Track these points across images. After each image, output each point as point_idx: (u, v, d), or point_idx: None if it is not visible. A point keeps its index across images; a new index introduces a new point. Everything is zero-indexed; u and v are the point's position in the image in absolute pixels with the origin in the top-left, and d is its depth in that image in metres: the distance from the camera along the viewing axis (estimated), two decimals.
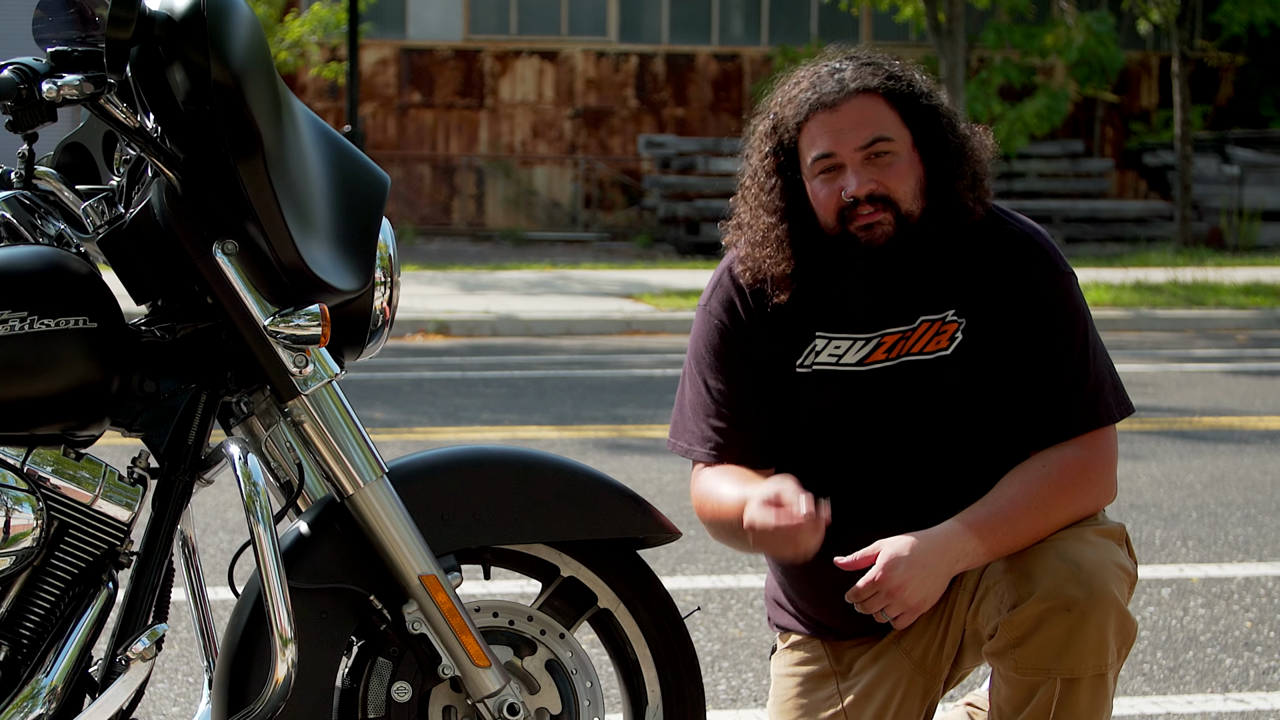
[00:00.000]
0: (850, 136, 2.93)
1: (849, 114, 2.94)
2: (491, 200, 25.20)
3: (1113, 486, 3.00)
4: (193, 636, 3.45)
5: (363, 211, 2.67)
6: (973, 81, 23.72)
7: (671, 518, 2.92)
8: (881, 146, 2.93)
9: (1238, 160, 23.83)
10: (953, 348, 2.99)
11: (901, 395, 3.00)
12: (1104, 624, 2.82)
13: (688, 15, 25.62)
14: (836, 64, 3.01)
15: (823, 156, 2.95)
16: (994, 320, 2.98)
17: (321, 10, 20.04)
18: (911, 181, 2.95)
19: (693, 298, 15.17)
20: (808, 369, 3.03)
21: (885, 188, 2.93)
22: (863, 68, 2.98)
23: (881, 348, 3.01)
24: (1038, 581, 2.83)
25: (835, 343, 3.02)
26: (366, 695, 2.72)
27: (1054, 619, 2.81)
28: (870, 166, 2.93)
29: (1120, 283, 16.23)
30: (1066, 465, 2.94)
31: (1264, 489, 7.07)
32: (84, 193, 2.77)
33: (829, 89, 2.96)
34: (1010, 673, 2.87)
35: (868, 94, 2.95)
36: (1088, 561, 2.84)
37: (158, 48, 2.47)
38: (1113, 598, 2.83)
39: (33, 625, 2.57)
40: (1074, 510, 2.94)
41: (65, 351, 2.52)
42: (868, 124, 2.93)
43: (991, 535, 2.89)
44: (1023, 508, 2.90)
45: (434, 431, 8.61)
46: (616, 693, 2.92)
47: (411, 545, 2.65)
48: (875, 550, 2.87)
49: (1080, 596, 2.81)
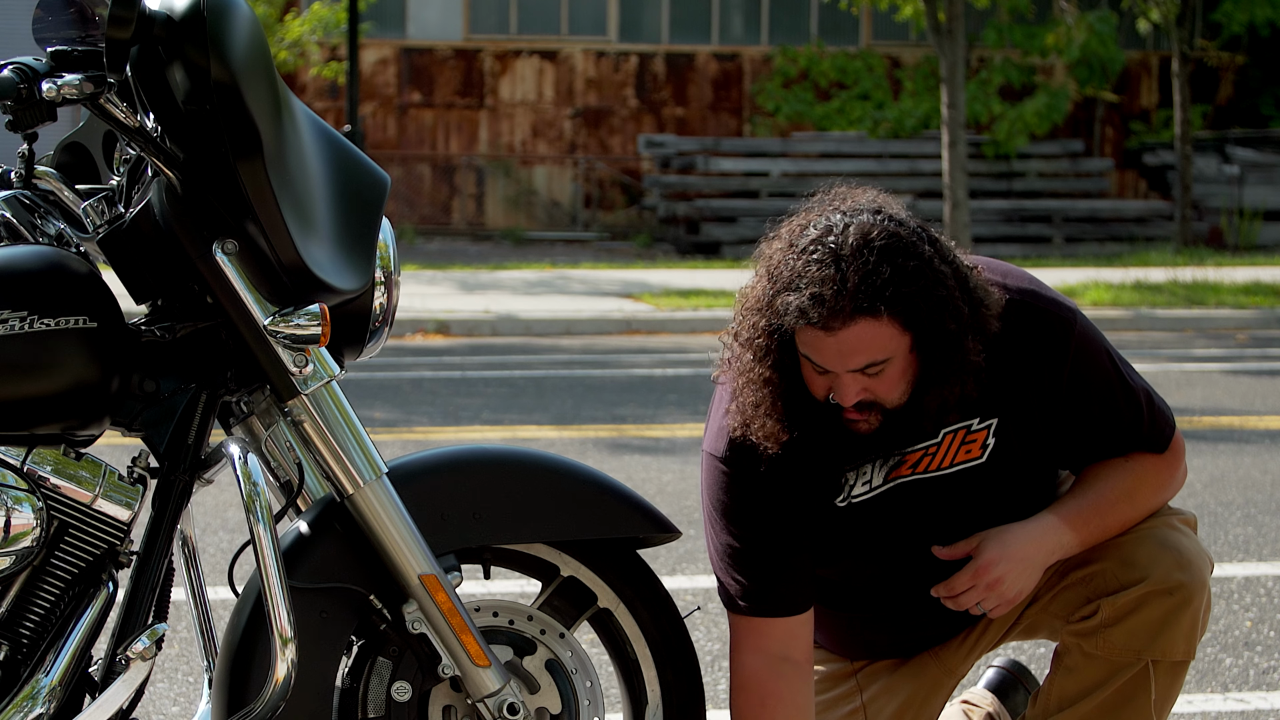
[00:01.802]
0: (844, 360, 2.76)
1: (846, 339, 2.73)
2: (491, 200, 25.20)
3: (1185, 474, 3.08)
4: (193, 636, 3.45)
5: (363, 211, 2.67)
6: (973, 81, 23.72)
7: (671, 518, 2.92)
8: (875, 369, 2.77)
9: (1238, 160, 23.82)
10: (986, 455, 2.93)
11: (939, 504, 2.96)
12: (1200, 610, 2.93)
13: (688, 15, 25.61)
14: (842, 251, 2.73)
15: (814, 362, 2.80)
16: (1026, 410, 2.91)
17: (321, 10, 20.03)
18: (903, 384, 2.81)
19: (693, 297, 15.17)
20: (846, 504, 2.96)
21: (874, 395, 2.80)
22: (867, 278, 2.70)
23: (905, 464, 2.93)
24: (1146, 569, 2.91)
25: (862, 468, 2.94)
26: (366, 695, 2.72)
27: (1156, 601, 2.90)
28: (862, 378, 2.79)
29: (1120, 282, 16.22)
30: (1146, 467, 3.00)
31: (1264, 489, 7.07)
32: (84, 192, 2.77)
33: (829, 306, 2.71)
34: (1095, 651, 2.93)
35: (867, 318, 2.71)
36: (1187, 549, 2.94)
37: (158, 47, 2.47)
38: (1208, 585, 2.95)
39: (33, 625, 2.57)
40: (1156, 502, 3.01)
41: (65, 351, 2.52)
42: (864, 351, 2.74)
43: (1085, 527, 2.94)
44: (1111, 500, 2.96)
45: (434, 431, 8.60)
46: (616, 692, 2.92)
47: (411, 545, 2.65)
48: (974, 543, 2.92)
49: (1186, 580, 2.91)
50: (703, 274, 17.86)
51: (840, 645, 3.22)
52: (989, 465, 2.93)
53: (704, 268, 18.98)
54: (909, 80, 25.17)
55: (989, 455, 2.92)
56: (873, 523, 2.97)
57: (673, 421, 8.85)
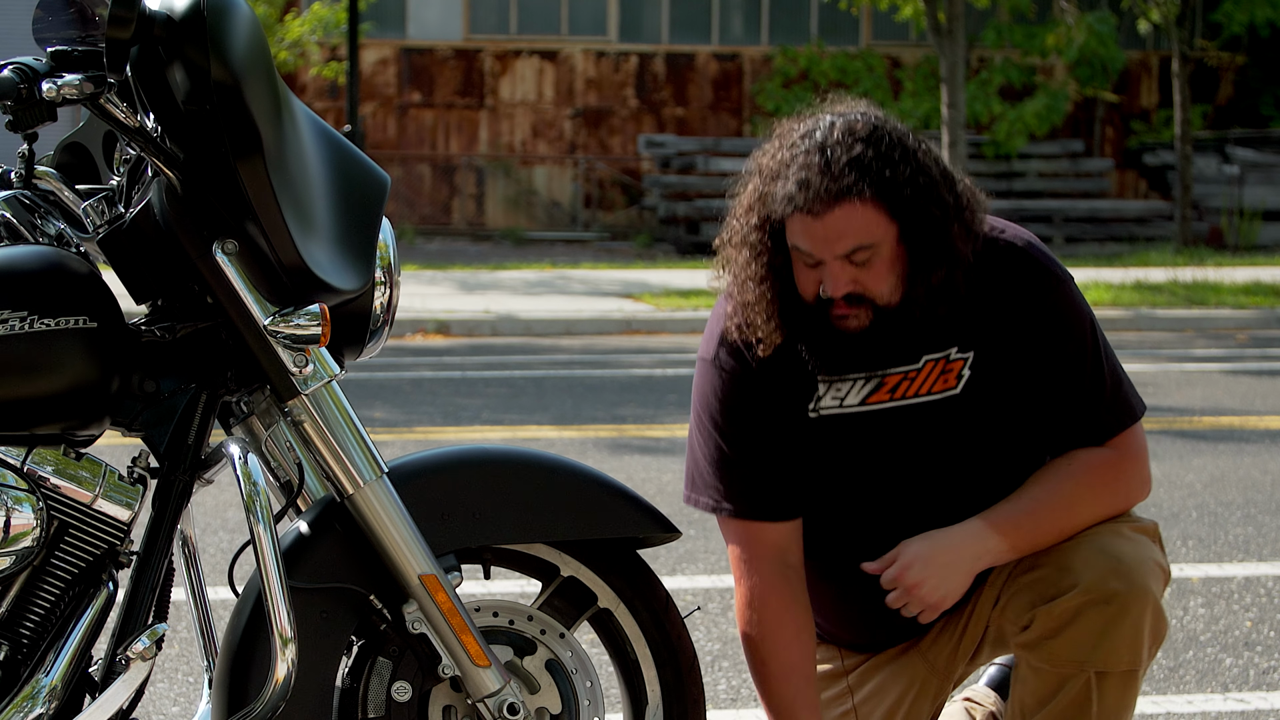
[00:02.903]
0: (832, 245, 2.83)
1: (833, 223, 2.81)
2: (491, 200, 25.20)
3: (1146, 482, 3.00)
4: (193, 636, 3.45)
5: (363, 211, 2.67)
6: (973, 81, 23.72)
7: (671, 518, 2.91)
8: (862, 255, 2.83)
9: (1238, 160, 23.83)
10: (961, 385, 2.96)
11: (913, 436, 2.98)
12: (1141, 619, 2.85)
13: (688, 15, 25.61)
14: (828, 140, 2.85)
15: (803, 252, 2.87)
16: (1001, 347, 2.95)
17: (321, 10, 20.03)
18: (892, 278, 2.86)
19: (693, 297, 15.17)
20: (816, 414, 3.00)
21: (863, 287, 2.85)
22: (852, 162, 2.81)
23: (884, 388, 2.97)
24: (1079, 575, 2.85)
25: (836, 386, 2.99)
26: (366, 695, 2.73)
27: (1092, 611, 2.84)
28: (850, 267, 2.84)
29: (1120, 282, 16.23)
30: (1094, 462, 2.95)
31: (1264, 489, 7.07)
32: (84, 192, 2.77)
33: (814, 189, 2.81)
34: (1042, 664, 2.89)
35: (853, 201, 2.81)
36: (1128, 556, 2.87)
37: (158, 47, 2.47)
38: (1152, 594, 2.86)
39: (33, 625, 2.57)
40: (1103, 507, 2.94)
41: (65, 351, 2.52)
42: (850, 234, 2.82)
43: (1015, 532, 2.90)
44: (1048, 504, 2.91)
45: (434, 431, 8.61)
46: (616, 693, 2.92)
47: (411, 545, 2.66)
48: (898, 552, 2.91)
49: (1121, 589, 2.83)
50: (703, 274, 17.78)
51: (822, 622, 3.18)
52: (963, 398, 2.95)
53: (704, 268, 18.93)
54: (909, 80, 25.17)
55: (964, 387, 2.95)
56: (844, 446, 2.99)
57: (673, 421, 8.85)
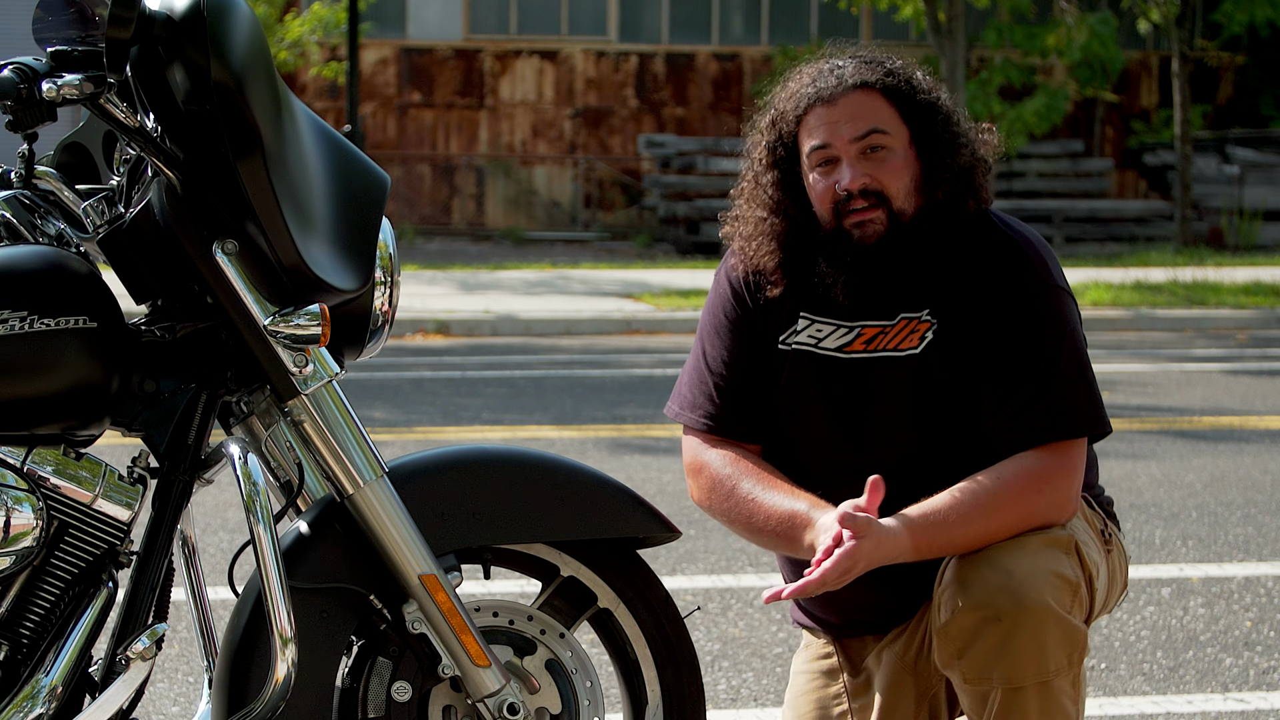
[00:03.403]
0: (846, 128, 2.96)
1: (846, 107, 2.97)
2: (491, 200, 25.20)
3: (1070, 502, 2.93)
4: (193, 636, 3.45)
5: (363, 211, 2.67)
6: (973, 81, 23.71)
7: (671, 518, 2.92)
8: (876, 140, 2.96)
9: (1238, 160, 23.83)
10: (921, 347, 3.00)
11: (872, 388, 3.02)
12: (1038, 632, 2.78)
13: (688, 15, 25.61)
14: (838, 61, 3.06)
15: (819, 148, 2.98)
16: (965, 323, 2.98)
17: (321, 10, 20.03)
18: (906, 178, 2.98)
19: (693, 297, 15.17)
20: (787, 347, 3.06)
21: (879, 183, 2.96)
22: (863, 64, 3.02)
23: (860, 339, 3.03)
24: (969, 591, 2.81)
25: (817, 325, 3.05)
26: (366, 695, 2.73)
27: (987, 629, 2.79)
28: (865, 161, 2.96)
29: (1120, 282, 16.23)
30: (1021, 472, 2.89)
31: (1264, 489, 7.07)
32: (84, 192, 2.77)
33: (828, 83, 3.00)
34: (961, 683, 2.87)
35: (866, 89, 2.98)
36: (1019, 570, 2.80)
37: (158, 47, 2.47)
38: (1046, 606, 2.78)
39: (33, 625, 2.57)
40: (1021, 519, 2.87)
41: (65, 351, 2.52)
42: (864, 117, 2.97)
43: (922, 534, 2.84)
44: (961, 510, 2.85)
45: (434, 431, 8.61)
46: (616, 693, 2.92)
47: (411, 545, 2.66)
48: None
49: (1009, 606, 2.78)
50: (703, 274, 17.85)
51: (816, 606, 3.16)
52: (920, 360, 2.98)
53: (704, 268, 18.97)
54: None
55: (923, 349, 2.99)
56: (803, 386, 3.03)
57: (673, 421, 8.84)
